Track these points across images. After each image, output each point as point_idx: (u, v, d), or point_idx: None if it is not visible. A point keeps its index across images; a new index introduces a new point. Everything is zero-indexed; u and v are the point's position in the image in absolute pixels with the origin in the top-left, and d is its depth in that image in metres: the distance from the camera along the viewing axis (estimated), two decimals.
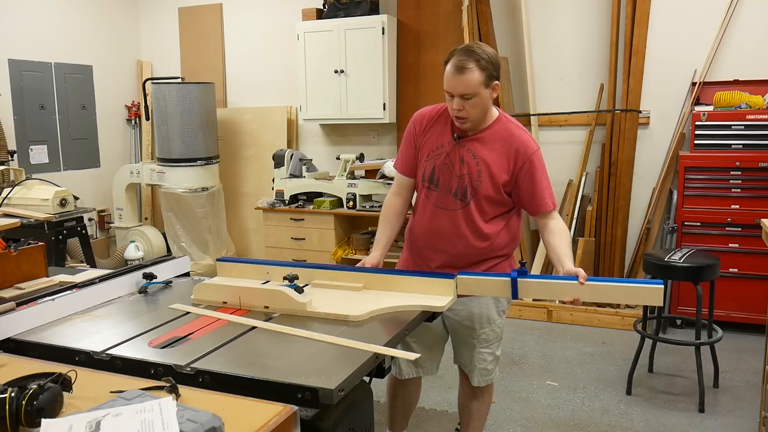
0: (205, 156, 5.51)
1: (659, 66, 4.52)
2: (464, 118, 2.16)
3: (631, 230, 4.62)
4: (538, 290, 2.02)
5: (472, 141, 2.24)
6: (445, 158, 2.26)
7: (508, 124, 2.26)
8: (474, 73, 2.08)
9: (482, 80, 2.10)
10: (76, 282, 2.17)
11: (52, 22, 5.56)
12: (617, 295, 2.01)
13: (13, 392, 1.20)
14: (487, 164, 2.21)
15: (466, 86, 2.09)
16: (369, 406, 1.71)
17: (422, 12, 5.11)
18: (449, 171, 2.25)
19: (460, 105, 2.12)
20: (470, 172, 2.22)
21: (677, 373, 3.69)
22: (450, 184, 2.25)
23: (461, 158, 2.23)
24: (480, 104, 2.14)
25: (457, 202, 2.25)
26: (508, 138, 2.22)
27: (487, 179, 2.21)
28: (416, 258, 2.41)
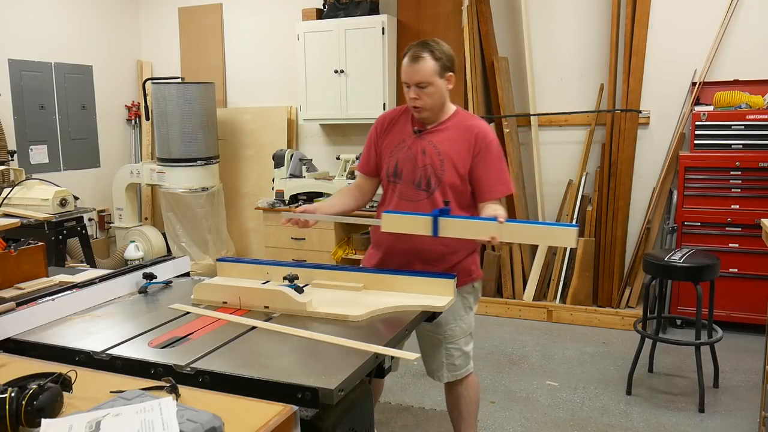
0: (205, 156, 5.51)
1: (659, 66, 4.52)
2: (420, 107, 2.26)
3: (631, 230, 4.62)
4: (457, 229, 2.04)
5: (431, 133, 2.33)
6: (407, 151, 2.33)
7: (466, 115, 2.39)
8: (428, 62, 2.22)
9: (436, 70, 2.23)
10: (76, 282, 2.18)
11: (52, 22, 5.56)
12: (533, 236, 2.09)
13: (13, 392, 1.20)
14: (448, 154, 2.29)
15: (421, 74, 2.21)
16: (369, 406, 1.71)
17: (422, 12, 5.10)
18: (412, 163, 2.32)
19: (416, 94, 2.24)
20: (432, 162, 2.29)
21: (677, 373, 3.69)
22: (413, 176, 2.31)
23: (422, 150, 2.31)
24: (435, 93, 2.25)
25: (421, 192, 2.31)
26: (466, 127, 2.32)
27: (450, 168, 2.28)
28: (383, 254, 2.42)
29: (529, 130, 4.90)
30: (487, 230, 1.99)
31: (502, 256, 4.78)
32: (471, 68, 4.73)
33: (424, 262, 2.31)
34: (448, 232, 2.04)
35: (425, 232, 2.06)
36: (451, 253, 2.33)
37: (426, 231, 2.06)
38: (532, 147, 4.86)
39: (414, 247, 2.29)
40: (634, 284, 4.56)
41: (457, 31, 4.92)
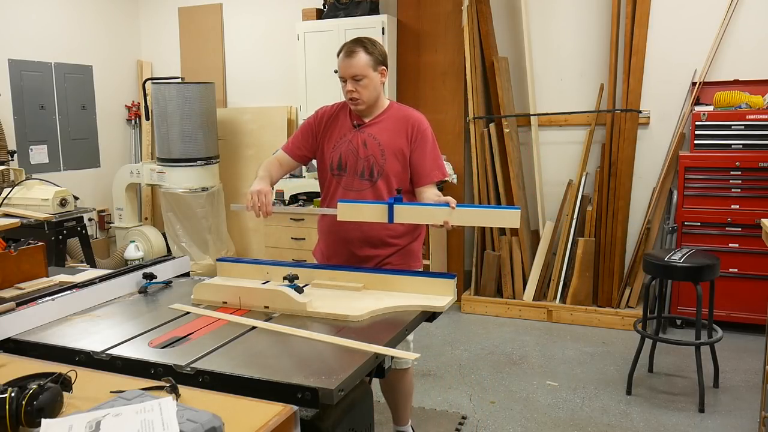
0: (205, 156, 5.50)
1: (659, 66, 4.52)
2: (357, 99, 2.38)
3: (631, 230, 4.62)
4: (411, 215, 2.17)
5: (370, 126, 2.45)
6: (349, 145, 2.45)
7: (401, 107, 2.52)
8: (361, 55, 2.35)
9: (369, 63, 2.36)
10: (76, 282, 2.18)
11: (52, 22, 5.56)
12: (481, 219, 2.23)
13: (13, 392, 1.20)
14: (388, 144, 2.41)
15: (355, 68, 2.34)
16: (369, 406, 1.71)
17: (422, 12, 5.10)
18: (354, 156, 2.43)
19: (352, 86, 2.35)
20: (374, 153, 2.42)
21: (677, 373, 3.69)
22: (356, 167, 2.43)
23: (363, 142, 2.43)
24: (370, 85, 2.37)
25: (365, 182, 2.43)
26: (402, 118, 2.45)
27: (391, 157, 2.41)
28: (331, 246, 2.53)
29: (529, 130, 4.90)
30: (440, 215, 2.12)
31: (502, 256, 4.78)
32: (471, 68, 4.73)
33: (372, 246, 2.44)
34: (403, 218, 2.16)
35: (381, 219, 2.17)
36: (396, 236, 2.46)
37: (382, 218, 2.16)
38: (532, 147, 4.86)
39: (362, 234, 2.42)
40: (634, 284, 4.56)
41: (457, 31, 4.93)
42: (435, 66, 5.08)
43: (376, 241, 2.44)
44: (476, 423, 3.16)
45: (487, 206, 2.20)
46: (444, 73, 5.06)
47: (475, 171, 4.82)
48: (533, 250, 4.81)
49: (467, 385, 3.59)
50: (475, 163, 4.81)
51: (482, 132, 4.78)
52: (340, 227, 2.42)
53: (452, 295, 2.06)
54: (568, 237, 4.65)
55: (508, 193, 4.79)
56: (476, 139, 4.80)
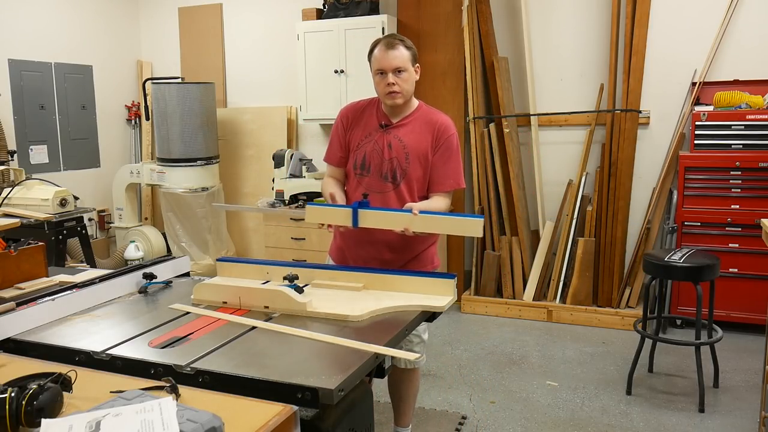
0: (205, 156, 5.50)
1: (659, 66, 4.52)
2: (398, 92, 2.34)
3: (631, 230, 4.61)
4: (375, 220, 2.21)
5: (397, 128, 2.42)
6: (374, 145, 2.41)
7: (429, 110, 2.49)
8: (402, 49, 2.35)
9: (409, 57, 2.36)
10: (76, 282, 2.18)
11: (52, 22, 5.56)
12: (443, 226, 2.22)
13: (13, 392, 1.20)
14: (413, 147, 2.38)
15: (399, 60, 2.32)
16: (369, 406, 1.71)
17: (422, 12, 5.10)
18: (379, 156, 2.40)
19: (393, 79, 2.32)
20: (398, 155, 2.39)
21: (677, 373, 3.69)
22: (381, 169, 2.40)
23: (388, 144, 2.40)
24: (409, 80, 2.36)
25: (388, 184, 2.40)
26: (429, 121, 2.42)
27: (415, 160, 2.38)
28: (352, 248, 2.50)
29: (529, 130, 4.90)
30: (403, 222, 2.17)
31: (502, 256, 4.78)
32: (471, 68, 4.73)
33: (393, 251, 2.42)
34: (367, 223, 2.20)
35: (346, 222, 2.21)
36: (418, 241, 2.42)
37: (347, 222, 2.21)
38: (532, 147, 4.86)
39: (386, 238, 2.38)
40: (634, 284, 4.56)
41: (457, 31, 4.92)
42: (435, 66, 5.08)
43: (398, 245, 2.41)
44: (476, 423, 3.16)
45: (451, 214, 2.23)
46: (444, 73, 5.06)
47: (475, 171, 4.82)
48: (533, 250, 4.81)
49: (467, 385, 3.59)
50: (475, 163, 4.81)
51: (482, 132, 4.78)
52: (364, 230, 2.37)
53: (452, 295, 2.06)
54: (568, 237, 4.65)
55: (508, 193, 4.79)
56: (476, 139, 4.80)
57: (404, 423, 2.78)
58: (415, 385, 2.73)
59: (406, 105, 2.42)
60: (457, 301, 4.80)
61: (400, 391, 2.70)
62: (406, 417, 2.77)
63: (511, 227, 4.80)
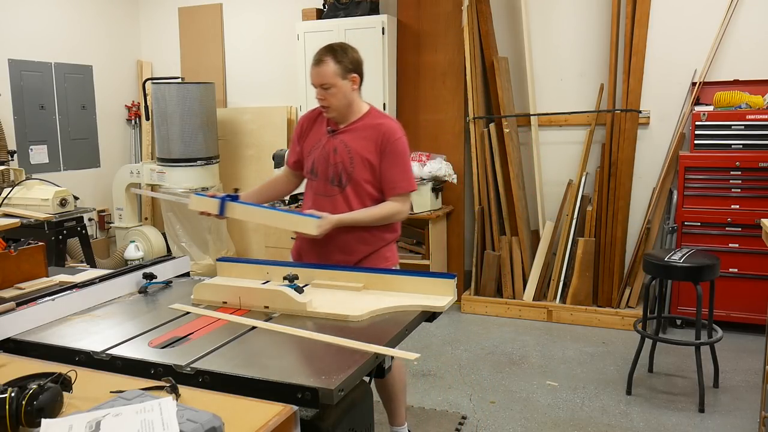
0: (205, 156, 5.50)
1: (659, 66, 4.52)
2: (327, 107, 2.45)
3: (631, 230, 4.61)
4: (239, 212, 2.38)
5: (343, 133, 2.49)
6: (321, 150, 2.50)
7: (378, 115, 2.54)
8: (329, 65, 2.41)
9: (338, 71, 2.41)
10: (76, 282, 2.17)
11: (52, 22, 5.56)
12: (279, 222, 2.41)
13: (13, 392, 1.20)
14: (357, 151, 2.44)
15: (323, 76, 2.41)
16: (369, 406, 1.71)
17: (422, 12, 5.10)
18: (325, 161, 2.48)
19: (321, 95, 2.43)
20: (343, 160, 2.45)
21: (677, 373, 3.69)
22: (327, 173, 2.48)
23: (334, 148, 2.47)
24: (338, 94, 2.42)
25: (335, 188, 2.46)
26: (376, 126, 2.47)
27: (360, 164, 2.43)
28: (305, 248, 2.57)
29: (529, 130, 4.90)
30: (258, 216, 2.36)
31: (502, 256, 4.78)
32: (471, 68, 4.73)
33: (343, 252, 2.47)
34: (232, 214, 2.37)
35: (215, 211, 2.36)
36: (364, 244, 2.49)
37: (214, 210, 2.36)
38: (532, 147, 4.86)
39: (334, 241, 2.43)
40: (634, 284, 4.56)
41: (457, 31, 4.93)
42: (435, 66, 5.08)
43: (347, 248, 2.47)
44: (476, 423, 3.16)
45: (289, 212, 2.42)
46: (444, 73, 5.06)
47: (475, 171, 4.82)
48: (533, 250, 4.81)
49: (467, 385, 3.59)
50: (475, 163, 4.81)
51: (482, 132, 4.78)
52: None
53: (452, 295, 2.06)
54: (568, 237, 4.65)
55: (508, 193, 4.79)
56: (476, 139, 4.80)
57: (399, 422, 2.79)
58: (400, 381, 2.75)
59: (351, 112, 2.49)
60: (457, 301, 4.81)
61: (387, 392, 2.72)
62: (399, 416, 2.78)
63: (511, 227, 4.80)
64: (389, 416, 2.80)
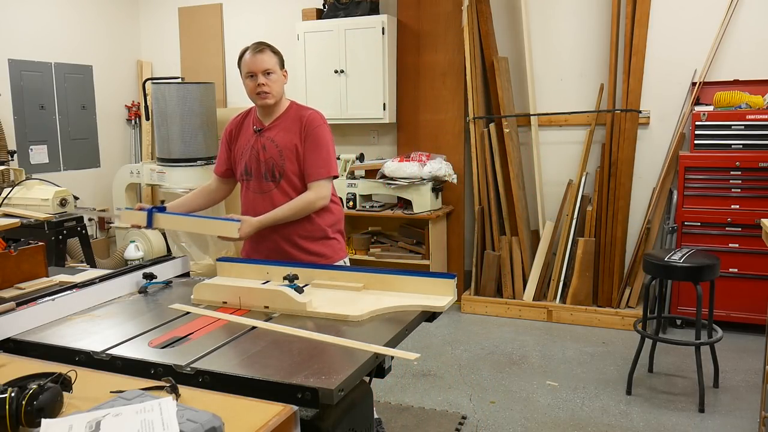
0: (205, 156, 5.50)
1: (659, 66, 4.52)
2: (268, 93, 2.48)
3: (631, 230, 4.62)
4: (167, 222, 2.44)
5: (269, 130, 2.54)
6: (251, 150, 2.55)
7: (299, 107, 2.60)
8: (269, 53, 2.52)
9: (277, 61, 2.52)
10: (76, 282, 2.17)
11: (52, 22, 5.56)
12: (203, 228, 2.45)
13: (13, 392, 1.20)
14: (285, 145, 2.49)
15: (267, 63, 2.48)
16: (369, 406, 1.71)
17: (422, 12, 5.11)
18: (256, 160, 2.53)
19: (263, 80, 2.46)
20: (273, 155, 2.50)
21: (677, 373, 3.69)
22: (259, 171, 2.53)
23: (263, 146, 2.52)
24: (278, 81, 2.51)
25: (269, 183, 2.52)
26: (297, 117, 2.53)
27: (290, 157, 2.48)
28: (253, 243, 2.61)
29: (529, 130, 4.90)
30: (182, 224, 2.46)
31: (502, 256, 4.78)
32: (471, 68, 4.73)
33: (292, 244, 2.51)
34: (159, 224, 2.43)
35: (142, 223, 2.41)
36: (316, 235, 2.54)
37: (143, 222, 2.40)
38: (532, 147, 4.86)
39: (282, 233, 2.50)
40: (634, 284, 4.56)
41: (457, 31, 4.93)
42: (435, 66, 5.08)
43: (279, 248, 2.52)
44: (476, 423, 3.16)
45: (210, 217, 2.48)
46: (444, 73, 5.06)
47: (475, 171, 4.82)
48: (533, 250, 4.81)
49: (467, 385, 3.59)
50: (475, 163, 4.81)
51: (482, 132, 4.78)
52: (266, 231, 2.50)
53: (452, 295, 2.06)
54: (568, 237, 4.65)
55: (508, 193, 4.79)
56: (476, 139, 4.80)
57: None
58: None
59: (277, 106, 2.54)
60: (457, 301, 4.81)
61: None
62: None
63: (511, 227, 4.80)
64: None
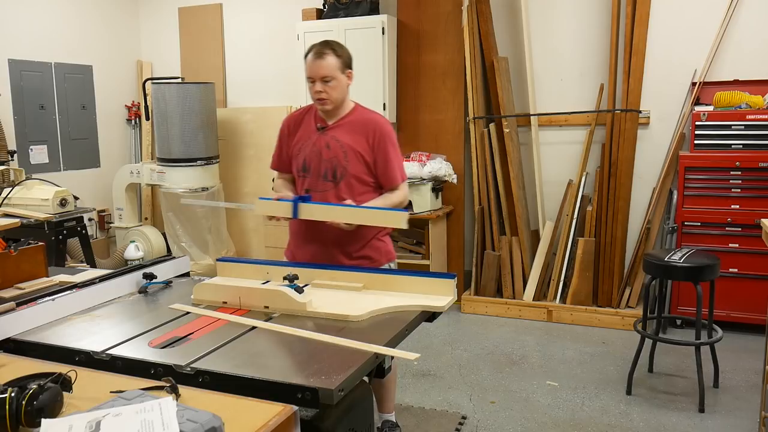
0: (205, 156, 5.50)
1: (659, 66, 4.52)
2: (325, 99, 2.44)
3: (631, 230, 4.61)
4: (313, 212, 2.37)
5: (333, 129, 2.51)
6: (312, 147, 2.52)
7: (363, 110, 2.58)
8: (331, 57, 2.42)
9: (338, 65, 2.43)
10: (76, 282, 2.17)
11: (52, 22, 5.56)
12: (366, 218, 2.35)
13: (13, 392, 1.20)
14: (350, 146, 2.47)
15: (325, 69, 2.41)
16: (369, 406, 1.71)
17: (422, 12, 5.10)
18: (318, 157, 2.50)
19: (321, 87, 2.42)
20: (336, 155, 2.48)
21: (677, 373, 3.69)
22: (319, 169, 2.50)
23: (326, 144, 2.50)
24: (338, 87, 2.45)
25: (328, 183, 2.50)
26: (364, 121, 2.52)
27: (354, 159, 2.47)
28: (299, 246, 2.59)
29: (529, 130, 4.90)
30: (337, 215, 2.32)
31: (502, 256, 4.78)
32: (471, 68, 4.73)
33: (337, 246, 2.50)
34: (305, 215, 2.37)
35: (287, 214, 2.37)
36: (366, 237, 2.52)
37: (288, 213, 2.37)
38: (532, 147, 4.86)
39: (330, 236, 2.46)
40: (634, 284, 4.56)
41: (457, 31, 4.93)
42: (435, 66, 5.08)
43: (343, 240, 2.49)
44: (476, 423, 3.16)
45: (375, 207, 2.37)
46: (444, 73, 5.06)
47: (475, 171, 4.82)
48: (533, 250, 4.81)
49: (467, 385, 3.59)
50: (475, 163, 4.81)
51: (482, 132, 4.78)
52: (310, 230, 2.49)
53: (452, 295, 2.06)
54: (568, 237, 4.65)
55: (508, 193, 4.79)
56: (476, 139, 4.80)
57: (389, 409, 2.84)
58: (394, 371, 2.79)
59: (341, 107, 2.52)
60: (457, 301, 4.81)
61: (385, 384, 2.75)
62: (390, 403, 2.84)
63: (511, 227, 4.80)
64: (381, 404, 2.82)
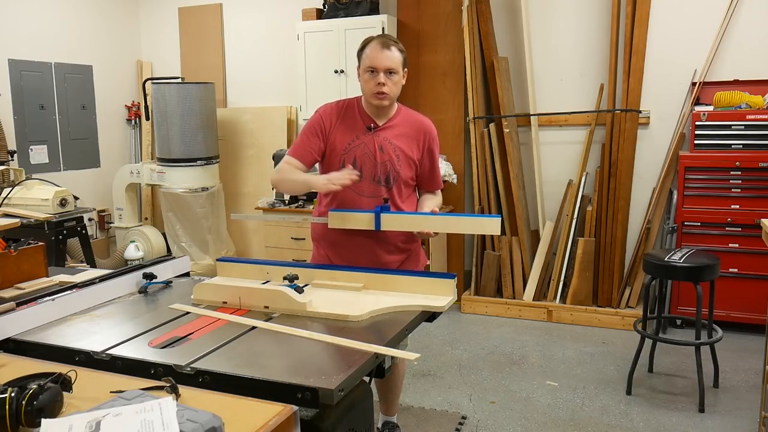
0: (205, 156, 5.51)
1: (659, 66, 4.52)
2: (386, 94, 2.31)
3: (631, 230, 4.62)
4: (397, 223, 2.29)
5: (384, 130, 2.41)
6: (364, 148, 2.39)
7: (409, 111, 2.50)
8: (397, 52, 2.31)
9: (401, 61, 2.33)
10: (76, 282, 2.17)
11: (52, 22, 5.56)
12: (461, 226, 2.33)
13: (13, 392, 1.20)
14: (402, 149, 2.40)
15: (391, 60, 2.28)
16: (369, 406, 1.71)
17: (422, 12, 5.10)
18: (371, 160, 2.39)
19: (384, 80, 2.28)
20: (390, 158, 2.39)
21: (677, 373, 3.69)
22: (374, 172, 2.39)
23: (380, 146, 2.39)
24: (399, 83, 2.35)
25: (381, 187, 2.41)
26: (414, 123, 2.45)
27: (405, 163, 2.41)
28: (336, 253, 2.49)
29: (529, 130, 4.90)
30: (426, 224, 2.24)
31: (502, 256, 4.78)
32: (471, 68, 4.73)
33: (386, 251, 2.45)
34: (389, 226, 2.27)
35: (368, 227, 2.26)
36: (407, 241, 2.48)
37: (369, 226, 2.26)
38: (532, 147, 4.86)
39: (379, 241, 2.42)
40: (634, 284, 4.56)
41: (457, 31, 4.93)
42: (435, 66, 5.08)
43: (392, 247, 2.45)
44: (476, 423, 3.16)
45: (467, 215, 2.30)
46: (444, 73, 5.06)
47: (475, 171, 4.82)
48: (533, 250, 4.81)
49: (467, 385, 3.59)
50: (475, 163, 4.81)
51: (482, 132, 4.78)
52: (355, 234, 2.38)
53: (452, 295, 2.06)
54: (568, 237, 4.65)
55: (508, 193, 4.79)
56: (476, 139, 4.80)
57: (393, 412, 2.82)
58: (402, 373, 2.77)
59: (391, 106, 2.42)
60: (457, 301, 4.81)
61: (388, 382, 2.72)
62: (394, 406, 2.82)
63: (511, 227, 4.80)
64: (385, 406, 2.80)
